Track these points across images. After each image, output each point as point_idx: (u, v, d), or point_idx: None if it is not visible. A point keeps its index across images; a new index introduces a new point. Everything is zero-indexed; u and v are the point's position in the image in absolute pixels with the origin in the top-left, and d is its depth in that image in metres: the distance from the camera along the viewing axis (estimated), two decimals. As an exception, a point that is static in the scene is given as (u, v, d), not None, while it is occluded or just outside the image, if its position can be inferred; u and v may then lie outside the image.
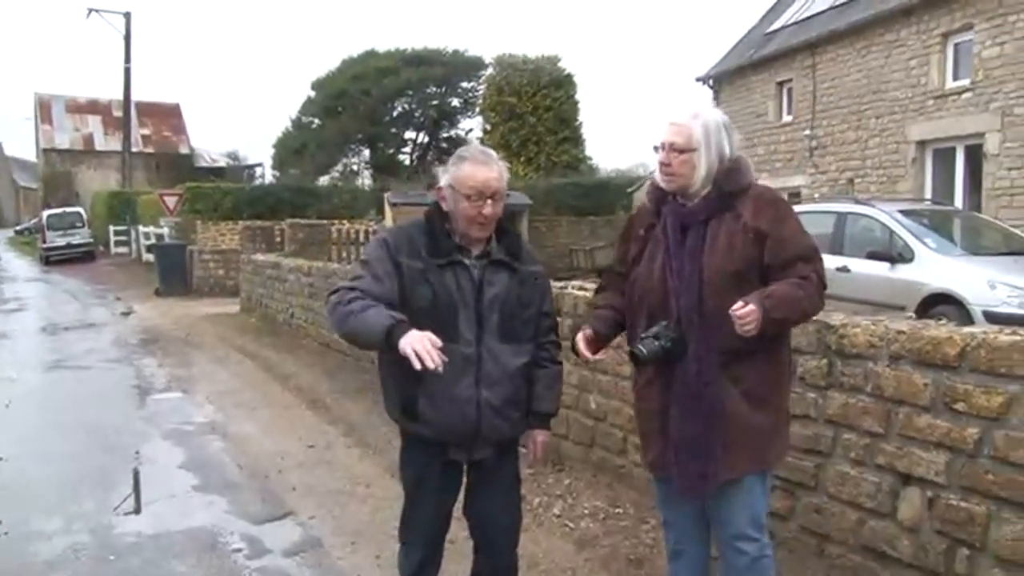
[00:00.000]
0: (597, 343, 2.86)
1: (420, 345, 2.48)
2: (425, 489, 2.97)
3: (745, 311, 2.47)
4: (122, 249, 29.89)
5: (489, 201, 2.73)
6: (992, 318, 7.48)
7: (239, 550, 4.37)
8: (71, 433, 6.83)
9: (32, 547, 4.43)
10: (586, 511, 4.61)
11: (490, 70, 37.32)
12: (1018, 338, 3.04)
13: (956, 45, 14.52)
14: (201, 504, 5.14)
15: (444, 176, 2.82)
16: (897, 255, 9.14)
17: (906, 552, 3.41)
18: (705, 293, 2.66)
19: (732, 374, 2.66)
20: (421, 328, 2.57)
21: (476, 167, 2.75)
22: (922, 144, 15.02)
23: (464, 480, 3.02)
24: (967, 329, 3.30)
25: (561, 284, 5.41)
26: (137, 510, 5.11)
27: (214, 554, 4.31)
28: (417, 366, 2.47)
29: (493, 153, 2.84)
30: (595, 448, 5.18)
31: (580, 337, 2.83)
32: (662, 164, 2.75)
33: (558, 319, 3.64)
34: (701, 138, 2.70)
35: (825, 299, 2.78)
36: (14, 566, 4.20)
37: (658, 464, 2.84)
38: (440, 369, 2.49)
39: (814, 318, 3.79)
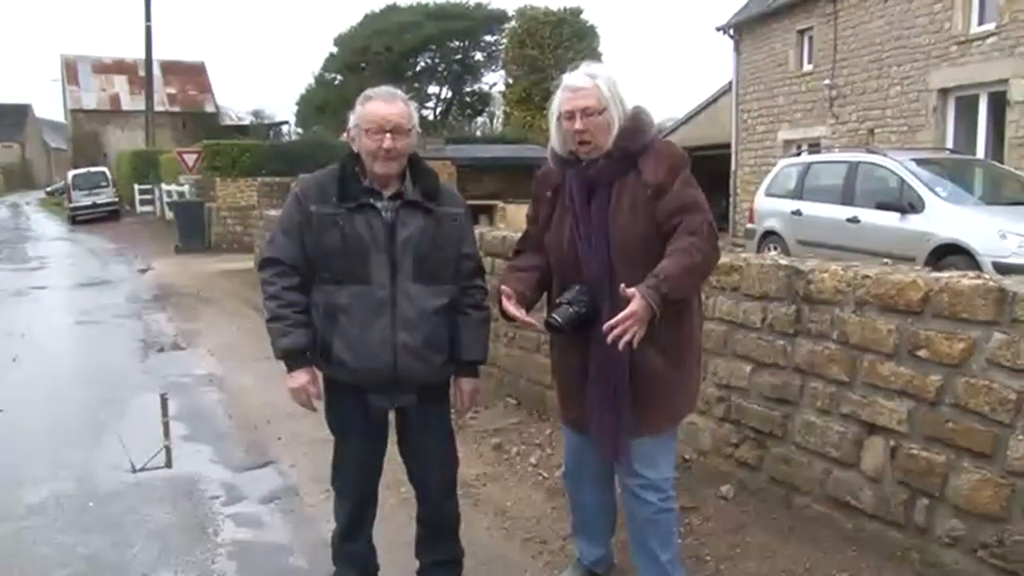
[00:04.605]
0: (522, 304, 2.78)
1: (299, 398, 2.87)
2: (350, 436, 2.98)
3: (620, 322, 2.39)
4: (147, 208, 30.08)
5: (389, 135, 2.70)
6: (1002, 269, 7.31)
7: (216, 497, 4.42)
8: (72, 386, 6.92)
9: (18, 493, 4.51)
10: (563, 460, 4.59)
11: (512, 23, 36.96)
12: (979, 282, 2.96)
13: (982, -13, 14.05)
14: (187, 453, 5.22)
15: (353, 117, 2.80)
16: (907, 205, 8.96)
17: (869, 503, 3.37)
18: (614, 257, 2.64)
19: (647, 333, 2.57)
20: (335, 270, 2.74)
21: (377, 104, 2.75)
22: (944, 92, 14.60)
23: (396, 427, 3.03)
24: (931, 274, 3.21)
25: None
26: (168, 464, 5.13)
27: (190, 501, 4.36)
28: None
29: (400, 93, 2.82)
30: (577, 399, 5.15)
31: (504, 299, 2.72)
32: (578, 132, 2.67)
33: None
34: (608, 95, 2.67)
35: (719, 249, 2.72)
36: (-2, 511, 4.28)
37: (579, 424, 2.87)
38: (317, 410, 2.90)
39: (784, 263, 3.75)
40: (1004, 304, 2.87)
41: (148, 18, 33.82)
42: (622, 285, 2.42)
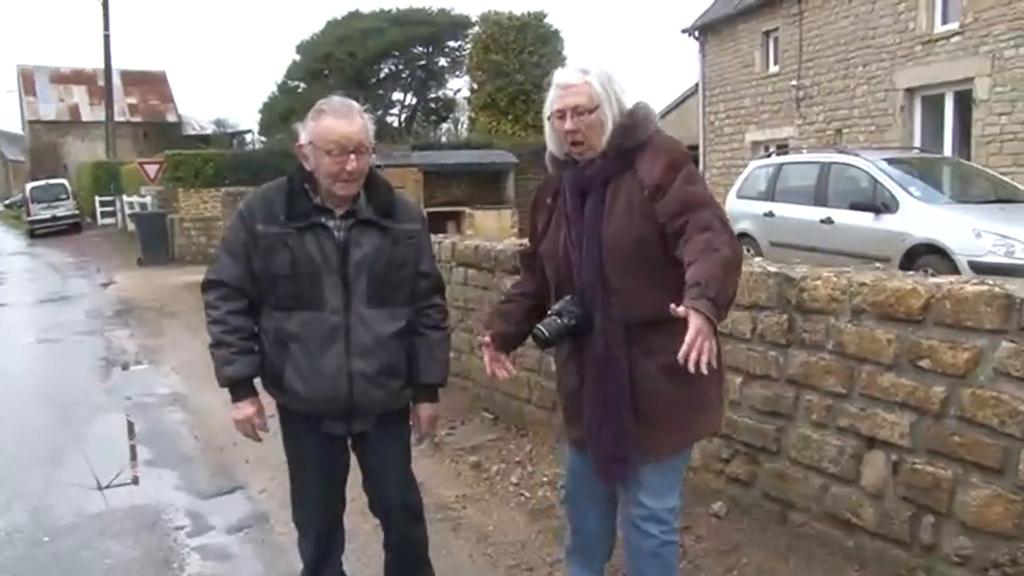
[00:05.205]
0: (508, 343, 2.65)
1: (243, 430, 2.76)
2: (307, 466, 2.81)
3: (691, 347, 2.05)
4: (108, 220, 29.45)
5: (352, 156, 2.49)
6: (978, 268, 7.26)
7: (181, 527, 4.18)
8: (29, 407, 6.63)
9: (-31, 528, 4.24)
10: (545, 479, 4.40)
11: (476, 28, 36.79)
12: (984, 288, 2.82)
13: (944, -14, 14.12)
14: (151, 479, 4.96)
15: (304, 132, 2.58)
16: (881, 205, 8.90)
17: (870, 520, 3.22)
18: (606, 263, 2.43)
19: (644, 347, 2.42)
20: (283, 295, 2.57)
21: (337, 120, 2.51)
22: (910, 91, 14.67)
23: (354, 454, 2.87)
24: (932, 280, 3.06)
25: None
26: (135, 480, 4.96)
27: (154, 532, 4.12)
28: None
29: (356, 105, 2.60)
30: (558, 412, 4.97)
31: (485, 354, 2.59)
32: (569, 132, 2.47)
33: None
34: (601, 92, 2.46)
35: (737, 241, 2.42)
36: (-56, 550, 4.01)
37: (580, 443, 2.64)
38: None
39: (774, 270, 3.60)
40: (1011, 311, 2.73)
41: (107, 27, 33.21)
42: (671, 304, 2.12)
